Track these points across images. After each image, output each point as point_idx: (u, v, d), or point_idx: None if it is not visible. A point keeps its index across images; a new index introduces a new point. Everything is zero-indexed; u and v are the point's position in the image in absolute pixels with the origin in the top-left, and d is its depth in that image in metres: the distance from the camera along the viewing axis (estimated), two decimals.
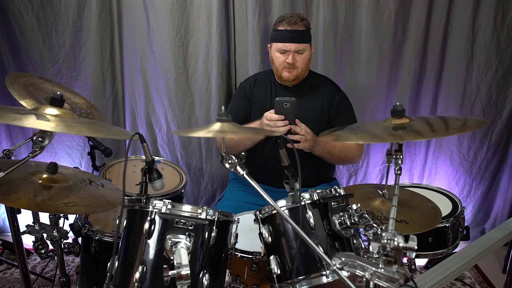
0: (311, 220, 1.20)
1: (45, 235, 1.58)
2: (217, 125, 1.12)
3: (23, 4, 2.28)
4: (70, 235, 1.67)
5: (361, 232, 1.10)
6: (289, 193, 1.27)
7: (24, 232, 1.59)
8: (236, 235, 1.32)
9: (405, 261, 1.81)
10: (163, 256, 1.12)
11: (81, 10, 2.33)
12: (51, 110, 1.14)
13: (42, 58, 2.40)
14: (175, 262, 1.00)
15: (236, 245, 1.39)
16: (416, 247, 0.92)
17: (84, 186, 1.45)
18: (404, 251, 0.92)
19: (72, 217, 1.77)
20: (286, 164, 1.26)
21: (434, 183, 2.65)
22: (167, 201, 1.16)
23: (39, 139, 1.14)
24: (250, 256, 1.48)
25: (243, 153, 1.14)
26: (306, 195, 1.22)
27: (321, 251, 1.03)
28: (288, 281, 1.21)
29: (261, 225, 1.29)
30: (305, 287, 1.17)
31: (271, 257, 1.25)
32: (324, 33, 2.37)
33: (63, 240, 1.61)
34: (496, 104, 2.50)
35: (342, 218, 1.18)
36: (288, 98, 1.72)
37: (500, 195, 2.68)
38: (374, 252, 0.97)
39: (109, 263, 1.18)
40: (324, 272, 1.16)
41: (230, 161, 1.10)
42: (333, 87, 2.07)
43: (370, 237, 1.02)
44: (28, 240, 1.62)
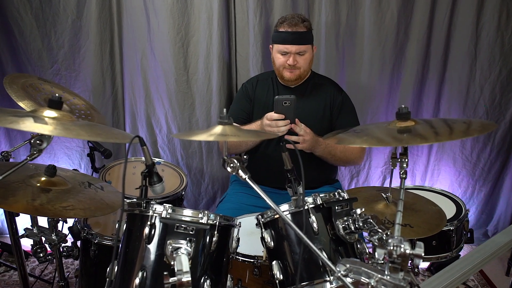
0: (315, 225, 1.17)
1: (44, 239, 1.56)
2: (219, 128, 1.11)
3: (22, 4, 2.26)
4: (69, 238, 1.65)
5: (366, 237, 1.08)
6: (292, 197, 1.25)
7: (22, 236, 1.58)
8: (238, 239, 1.30)
9: (408, 264, 1.79)
10: (164, 262, 1.10)
11: (81, 10, 2.30)
12: (49, 113, 1.12)
13: (41, 59, 2.37)
14: (176, 269, 0.98)
15: (238, 249, 1.37)
16: (423, 254, 0.89)
17: (83, 189, 1.43)
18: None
19: (71, 220, 1.75)
20: (289, 168, 1.24)
21: (437, 185, 2.63)
22: (168, 206, 1.14)
23: (37, 142, 1.12)
24: (252, 260, 1.46)
25: (245, 157, 1.12)
26: (310, 199, 1.20)
27: (325, 257, 1.01)
28: (291, 287, 1.18)
29: (263, 230, 1.27)
30: None
31: (274, 262, 1.23)
32: (326, 33, 2.35)
33: (62, 244, 1.59)
34: (500, 105, 2.47)
35: (346, 223, 1.16)
36: (288, 96, 1.71)
37: (503, 197, 2.65)
38: (380, 259, 0.95)
39: (109, 268, 1.16)
40: (328, 278, 1.14)
41: (232, 165, 1.08)
42: (336, 88, 2.05)
43: (376, 243, 1.00)
44: (27, 242, 1.60)
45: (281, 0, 2.27)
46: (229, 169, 1.08)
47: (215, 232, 1.16)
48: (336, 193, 1.24)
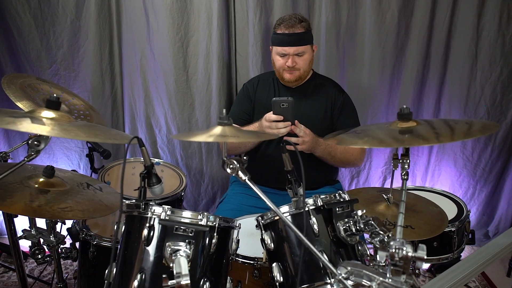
0: (315, 227, 1.16)
1: (42, 240, 1.55)
2: (218, 129, 1.10)
3: (20, 4, 2.24)
4: (68, 240, 1.64)
5: (367, 239, 1.07)
6: (292, 199, 1.24)
7: (21, 237, 1.56)
8: (238, 241, 1.29)
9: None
10: (162, 264, 1.09)
11: (80, 10, 2.29)
12: (47, 113, 1.11)
13: (40, 59, 2.36)
14: (175, 272, 0.97)
15: (237, 250, 1.36)
16: (426, 257, 0.88)
17: (82, 190, 1.42)
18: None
19: (70, 221, 1.74)
20: (289, 169, 1.23)
21: (437, 185, 2.61)
22: (167, 207, 1.13)
23: (35, 143, 1.11)
24: (252, 262, 1.45)
25: (245, 158, 1.11)
26: (310, 201, 1.19)
27: (326, 259, 1.00)
28: None
29: (263, 231, 1.26)
30: None
31: (274, 264, 1.22)
32: (327, 33, 2.33)
33: (60, 245, 1.57)
34: (501, 106, 2.46)
35: (347, 225, 1.15)
36: (285, 98, 1.69)
37: (504, 198, 2.64)
38: (381, 261, 0.94)
39: (107, 270, 1.15)
40: (329, 281, 1.12)
41: (232, 166, 1.07)
42: (337, 89, 2.04)
43: (377, 245, 0.99)
44: (26, 243, 1.59)
45: (281, 0, 2.26)
46: (229, 170, 1.07)
47: (215, 234, 1.15)
48: (337, 194, 1.23)
